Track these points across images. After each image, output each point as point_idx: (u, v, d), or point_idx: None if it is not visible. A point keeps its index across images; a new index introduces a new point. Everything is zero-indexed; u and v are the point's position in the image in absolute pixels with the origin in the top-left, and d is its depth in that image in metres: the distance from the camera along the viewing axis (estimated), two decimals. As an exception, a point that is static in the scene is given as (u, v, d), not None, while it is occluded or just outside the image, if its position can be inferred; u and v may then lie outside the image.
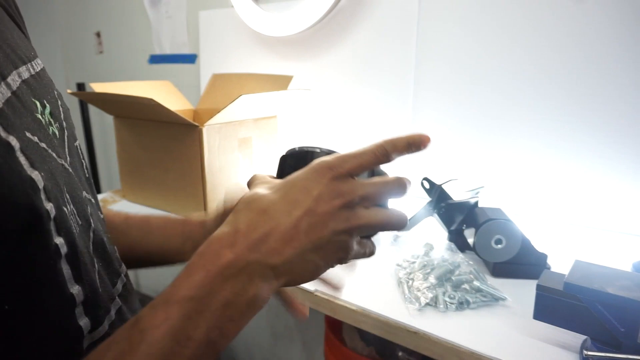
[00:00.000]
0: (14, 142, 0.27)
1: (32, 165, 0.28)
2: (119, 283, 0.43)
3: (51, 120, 0.36)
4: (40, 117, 0.33)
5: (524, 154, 0.93)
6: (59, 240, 0.30)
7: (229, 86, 1.18)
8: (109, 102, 0.99)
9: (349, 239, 0.33)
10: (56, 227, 0.29)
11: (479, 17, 0.94)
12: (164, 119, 0.93)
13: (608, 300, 0.45)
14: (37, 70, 0.38)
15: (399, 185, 0.35)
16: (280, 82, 1.08)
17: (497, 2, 0.91)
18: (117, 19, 1.82)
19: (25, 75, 0.34)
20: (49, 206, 0.29)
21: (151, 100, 0.82)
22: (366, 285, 0.66)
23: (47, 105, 0.36)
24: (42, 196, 0.28)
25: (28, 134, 0.30)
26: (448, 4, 0.97)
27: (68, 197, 0.33)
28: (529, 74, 0.90)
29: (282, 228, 0.31)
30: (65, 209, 0.31)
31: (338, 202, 0.32)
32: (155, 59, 1.69)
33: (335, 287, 0.50)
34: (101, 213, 0.46)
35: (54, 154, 0.33)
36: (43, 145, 0.32)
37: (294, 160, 0.41)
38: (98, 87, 1.02)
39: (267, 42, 1.29)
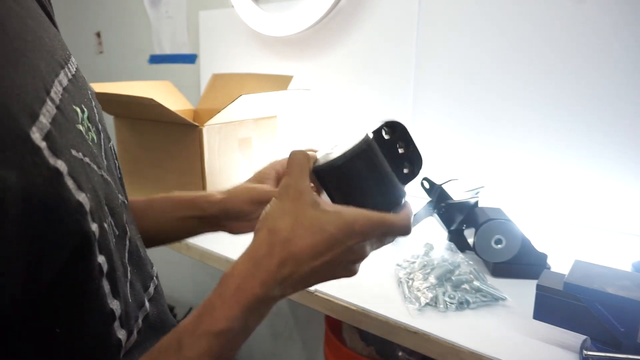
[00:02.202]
0: (62, 167, 0.27)
1: (79, 188, 0.28)
2: (152, 286, 0.43)
3: (89, 125, 0.35)
4: (80, 126, 0.33)
5: (523, 154, 0.93)
6: (101, 259, 0.30)
7: (229, 86, 1.18)
8: (109, 102, 0.99)
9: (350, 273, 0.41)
10: (99, 247, 0.30)
11: (479, 17, 0.94)
12: (164, 119, 0.93)
13: (608, 300, 0.45)
14: (74, 72, 0.36)
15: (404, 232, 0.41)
16: (280, 82, 1.08)
17: (497, 3, 0.91)
18: (117, 19, 1.82)
19: (65, 81, 0.33)
20: (94, 227, 0.29)
21: (151, 100, 0.82)
22: (366, 285, 0.66)
23: (85, 109, 0.35)
24: (89, 218, 0.28)
25: (73, 152, 0.29)
26: (448, 4, 0.97)
27: (107, 209, 0.33)
28: (529, 74, 0.90)
29: (303, 271, 0.37)
30: (105, 224, 0.31)
31: (351, 258, 0.39)
32: (155, 59, 1.69)
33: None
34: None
35: (95, 166, 0.33)
36: (87, 160, 0.31)
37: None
38: (98, 87, 1.02)
39: (267, 42, 1.29)
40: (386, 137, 0.42)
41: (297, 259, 0.36)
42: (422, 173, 0.43)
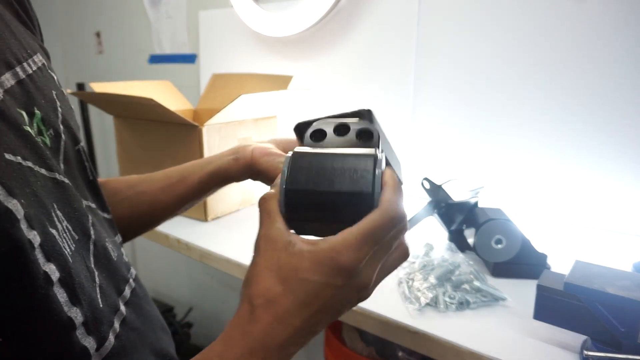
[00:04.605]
0: None
1: (10, 193, 0.27)
2: (127, 289, 0.42)
3: (42, 128, 0.34)
4: (27, 128, 0.32)
5: (524, 154, 0.93)
6: (48, 267, 0.29)
7: (229, 86, 1.18)
8: (109, 102, 0.99)
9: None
10: (44, 254, 0.29)
11: (479, 16, 0.94)
12: (164, 119, 0.93)
13: (608, 300, 0.45)
14: (32, 71, 0.36)
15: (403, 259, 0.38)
16: (280, 82, 1.08)
17: (497, 3, 0.91)
18: (117, 19, 1.82)
19: (10, 82, 0.32)
20: (32, 234, 0.28)
21: (151, 100, 0.82)
22: (366, 285, 0.66)
23: (38, 112, 0.34)
24: (23, 226, 0.27)
25: (8, 156, 0.28)
26: (448, 6, 0.97)
27: (59, 214, 0.32)
28: (529, 73, 0.90)
29: (298, 327, 0.33)
30: (54, 230, 0.31)
31: (351, 291, 0.34)
32: (155, 59, 1.69)
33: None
34: (108, 214, 0.45)
35: (43, 169, 0.32)
36: (28, 163, 0.30)
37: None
38: (98, 87, 1.02)
39: (267, 42, 1.29)
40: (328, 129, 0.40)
41: (284, 320, 0.33)
42: (420, 174, 0.42)
